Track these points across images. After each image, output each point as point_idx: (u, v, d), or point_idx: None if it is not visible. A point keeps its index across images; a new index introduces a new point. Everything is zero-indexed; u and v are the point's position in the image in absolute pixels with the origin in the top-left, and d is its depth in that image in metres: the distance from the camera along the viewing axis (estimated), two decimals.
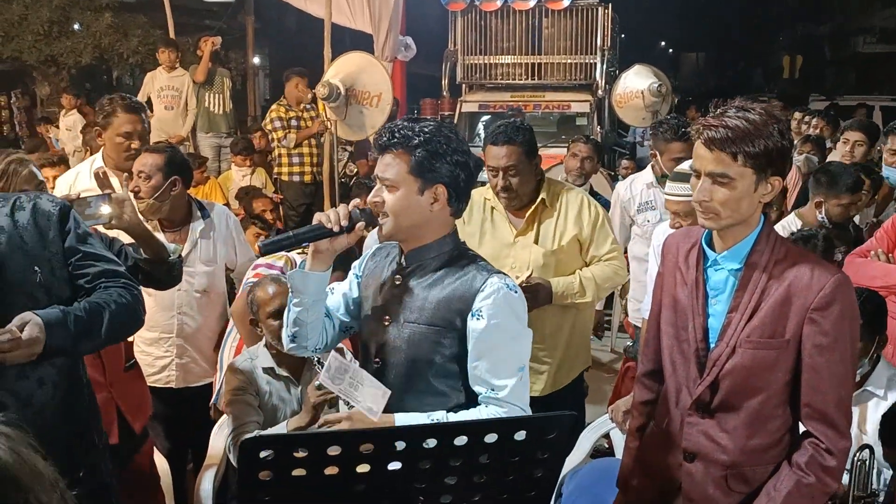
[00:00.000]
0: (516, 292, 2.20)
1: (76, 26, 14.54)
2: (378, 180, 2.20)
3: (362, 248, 3.40)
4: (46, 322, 2.00)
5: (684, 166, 3.26)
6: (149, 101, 8.64)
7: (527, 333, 2.23)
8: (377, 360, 2.26)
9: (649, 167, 4.70)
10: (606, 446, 3.70)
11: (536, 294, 3.28)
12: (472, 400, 2.20)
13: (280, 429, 2.87)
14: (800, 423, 2.15)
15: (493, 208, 3.51)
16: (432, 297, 2.19)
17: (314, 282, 2.22)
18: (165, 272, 2.92)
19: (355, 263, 2.44)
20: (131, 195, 2.81)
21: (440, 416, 2.14)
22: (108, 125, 3.76)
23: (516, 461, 1.82)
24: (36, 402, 2.12)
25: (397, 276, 2.26)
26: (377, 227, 2.22)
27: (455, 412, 2.17)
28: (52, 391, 2.18)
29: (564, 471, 3.01)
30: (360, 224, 2.16)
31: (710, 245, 2.17)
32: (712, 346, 2.14)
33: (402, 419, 2.11)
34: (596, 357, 5.30)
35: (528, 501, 1.89)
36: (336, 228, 2.13)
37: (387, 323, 2.23)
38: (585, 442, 3.41)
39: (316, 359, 2.88)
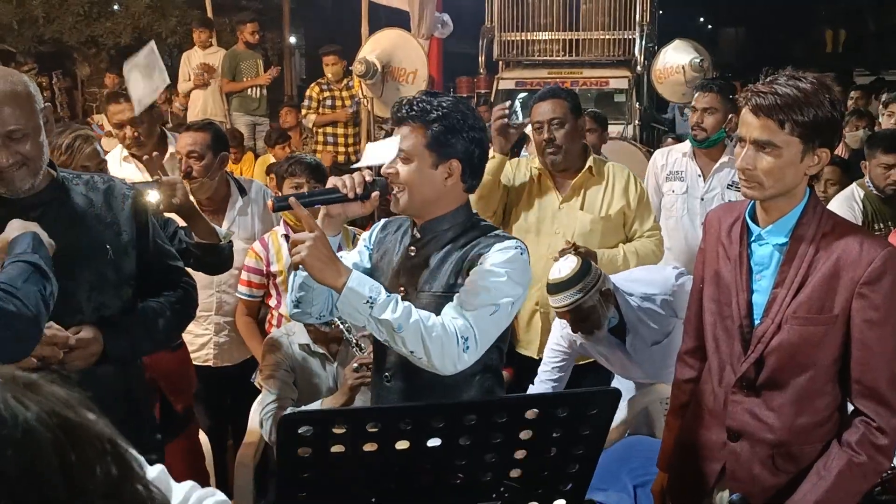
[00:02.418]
0: (520, 251, 2.15)
1: (115, 7, 14.66)
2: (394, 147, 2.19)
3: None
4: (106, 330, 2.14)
5: (553, 272, 3.10)
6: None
7: (517, 290, 2.12)
8: None
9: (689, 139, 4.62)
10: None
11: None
12: (485, 362, 2.17)
13: (315, 407, 2.89)
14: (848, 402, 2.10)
15: (539, 174, 3.54)
16: (447, 264, 2.19)
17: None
18: (216, 255, 2.92)
19: (364, 234, 2.44)
20: (178, 178, 2.79)
21: (404, 307, 2.03)
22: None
23: (557, 437, 1.80)
24: (95, 377, 2.16)
25: (412, 248, 2.26)
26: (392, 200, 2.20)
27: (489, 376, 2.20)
28: (113, 369, 2.24)
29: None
30: (376, 193, 2.14)
31: (754, 219, 2.13)
32: (757, 322, 2.10)
33: (358, 276, 2.04)
34: None
35: (568, 478, 1.87)
36: (351, 195, 2.11)
37: (402, 293, 2.22)
38: (619, 413, 3.37)
39: (354, 341, 2.89)
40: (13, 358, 1.83)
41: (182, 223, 2.93)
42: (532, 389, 3.34)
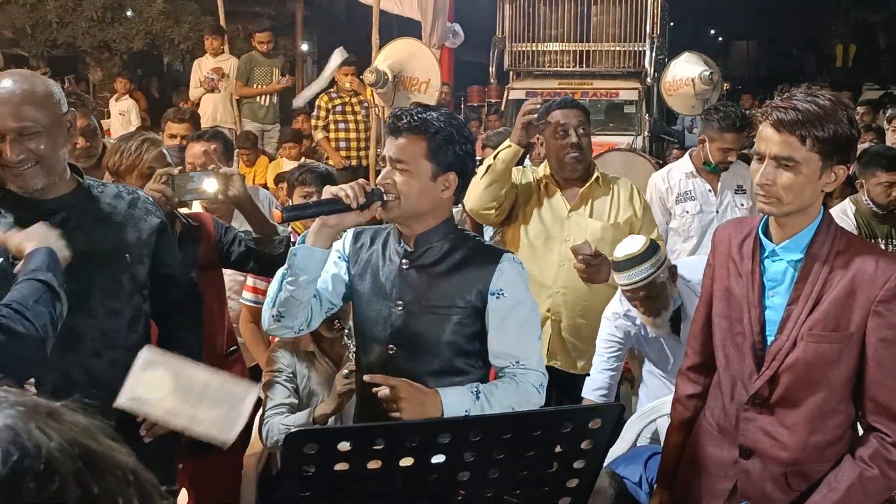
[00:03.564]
0: (522, 267, 2.28)
1: (129, 12, 14.74)
2: (389, 162, 2.19)
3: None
4: None
5: (621, 249, 3.09)
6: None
7: (535, 306, 2.30)
8: (391, 346, 2.24)
9: (687, 156, 4.61)
10: (648, 438, 3.65)
11: (599, 268, 3.24)
12: (488, 370, 2.27)
13: (303, 415, 2.89)
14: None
15: (546, 184, 3.54)
16: (448, 279, 2.21)
17: (317, 259, 2.16)
18: (274, 248, 2.88)
19: (335, 245, 2.36)
20: (236, 170, 2.79)
21: (485, 388, 2.15)
22: None
23: (560, 452, 1.79)
24: (103, 382, 2.17)
25: (405, 261, 2.25)
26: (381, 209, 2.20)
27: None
28: (122, 374, 2.22)
29: (609, 460, 2.99)
30: (376, 203, 2.13)
31: (767, 235, 2.11)
32: (769, 339, 2.08)
33: (447, 393, 2.10)
34: None
35: (567, 493, 1.86)
36: (354, 204, 2.09)
37: (399, 309, 2.22)
38: (631, 431, 3.37)
39: (352, 345, 2.90)
40: (17, 378, 1.83)
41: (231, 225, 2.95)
42: (589, 381, 3.35)
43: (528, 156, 4.86)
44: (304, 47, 18.02)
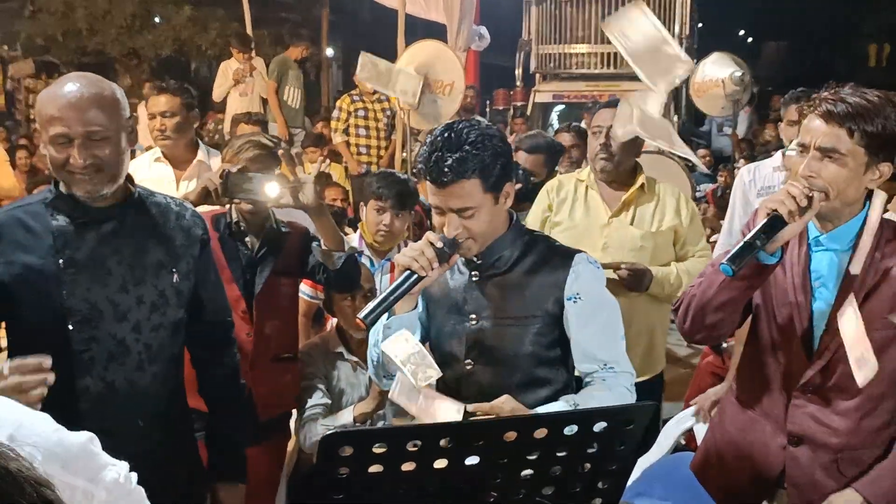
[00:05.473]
0: (598, 268, 2.20)
1: (157, 19, 14.89)
2: (447, 211, 2.08)
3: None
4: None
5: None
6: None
7: (616, 304, 2.21)
8: (468, 361, 2.19)
9: (779, 153, 4.50)
10: (683, 443, 3.60)
11: (641, 279, 3.19)
12: (573, 375, 2.20)
13: (346, 414, 2.89)
14: None
15: (587, 188, 3.44)
16: (521, 288, 2.14)
17: (407, 320, 2.13)
18: (335, 264, 2.81)
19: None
20: (310, 178, 2.74)
21: (581, 399, 2.08)
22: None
23: (593, 453, 1.77)
24: (144, 394, 2.19)
25: (474, 273, 2.18)
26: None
27: (570, 393, 2.17)
28: (163, 386, 2.27)
29: (644, 466, 2.93)
30: (455, 257, 2.08)
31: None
32: (818, 327, 2.07)
33: (547, 411, 2.06)
34: (672, 351, 5.16)
35: (599, 493, 1.83)
36: (435, 274, 2.04)
37: (474, 323, 2.16)
38: (667, 438, 3.31)
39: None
40: None
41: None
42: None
43: (559, 161, 4.79)
44: (329, 52, 18.10)
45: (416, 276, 2.02)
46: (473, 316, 2.17)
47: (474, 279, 2.18)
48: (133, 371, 2.18)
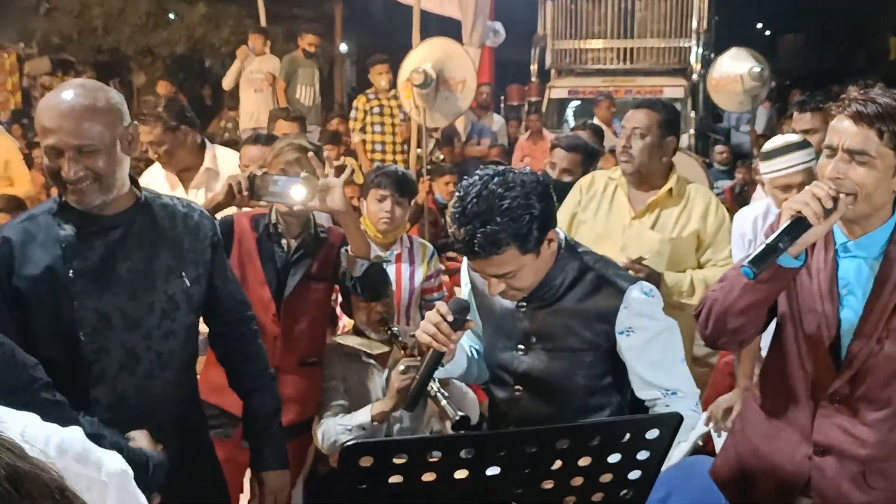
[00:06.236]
0: (653, 296, 2.10)
1: (171, 16, 14.92)
2: (488, 276, 2.04)
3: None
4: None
5: (776, 141, 3.28)
6: (236, 86, 8.81)
7: (673, 324, 2.14)
8: (517, 387, 2.16)
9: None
10: (701, 444, 3.56)
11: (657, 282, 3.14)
12: (632, 397, 2.15)
13: (363, 413, 2.86)
14: None
15: (616, 187, 3.41)
16: (570, 320, 2.09)
17: (454, 368, 2.14)
18: (357, 270, 2.80)
19: (462, 268, 2.33)
20: (339, 181, 2.71)
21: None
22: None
23: (616, 462, 1.73)
24: (155, 402, 2.18)
25: (521, 304, 2.13)
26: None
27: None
28: (173, 393, 2.25)
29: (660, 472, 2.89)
30: (470, 321, 2.06)
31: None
32: (845, 336, 2.01)
33: None
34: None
35: (621, 502, 1.79)
36: (453, 345, 2.02)
37: (521, 352, 2.12)
38: (685, 441, 3.27)
39: (398, 336, 2.86)
40: None
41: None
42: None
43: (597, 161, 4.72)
44: (343, 48, 18.08)
45: (438, 355, 2.01)
46: (521, 347, 2.13)
47: (521, 309, 2.14)
48: (143, 380, 2.16)
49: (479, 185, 1.95)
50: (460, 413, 2.50)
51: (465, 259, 2.29)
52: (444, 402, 2.60)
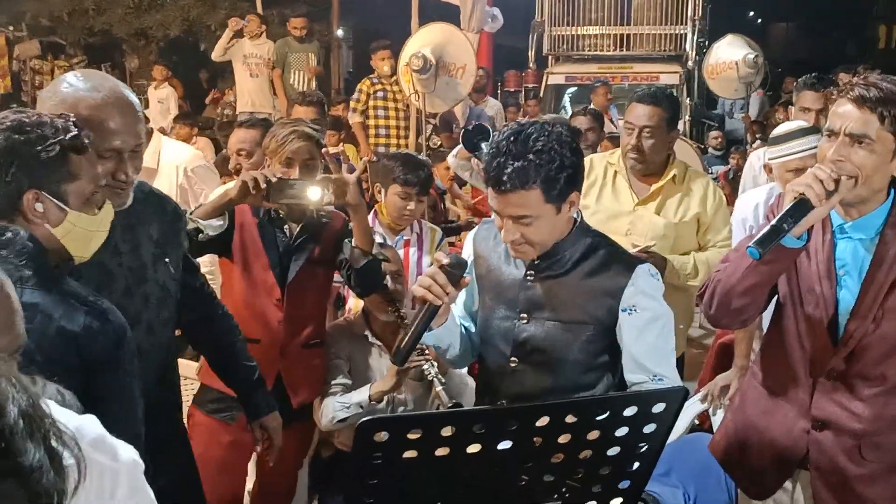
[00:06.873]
0: (658, 279, 2.16)
1: None
2: (504, 217, 2.05)
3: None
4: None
5: (788, 126, 3.36)
6: (232, 73, 8.78)
7: (670, 314, 2.19)
8: (513, 359, 2.18)
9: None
10: (697, 422, 3.63)
11: (658, 268, 3.19)
12: (620, 380, 2.18)
13: (362, 392, 2.92)
14: None
15: (616, 173, 3.45)
16: (575, 292, 2.12)
17: (444, 334, 2.16)
18: (357, 262, 2.80)
19: (467, 241, 2.34)
20: (353, 178, 2.74)
21: None
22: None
23: (622, 436, 1.78)
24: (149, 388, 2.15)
25: (529, 273, 2.16)
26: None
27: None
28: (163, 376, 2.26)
29: None
30: (467, 277, 2.06)
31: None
32: (843, 315, 2.08)
33: None
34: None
35: (628, 476, 1.85)
36: (448, 299, 2.00)
37: (524, 322, 2.15)
38: (682, 419, 3.34)
39: (405, 318, 2.90)
40: None
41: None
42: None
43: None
44: (340, 33, 17.99)
45: (431, 307, 2.00)
46: (524, 315, 2.15)
47: (529, 278, 2.16)
48: (151, 373, 2.12)
49: (517, 127, 2.04)
50: (453, 401, 2.56)
51: (470, 232, 2.35)
52: (438, 388, 2.66)
